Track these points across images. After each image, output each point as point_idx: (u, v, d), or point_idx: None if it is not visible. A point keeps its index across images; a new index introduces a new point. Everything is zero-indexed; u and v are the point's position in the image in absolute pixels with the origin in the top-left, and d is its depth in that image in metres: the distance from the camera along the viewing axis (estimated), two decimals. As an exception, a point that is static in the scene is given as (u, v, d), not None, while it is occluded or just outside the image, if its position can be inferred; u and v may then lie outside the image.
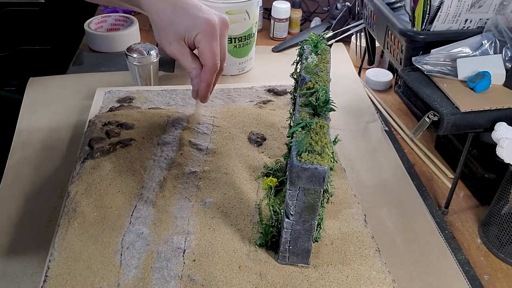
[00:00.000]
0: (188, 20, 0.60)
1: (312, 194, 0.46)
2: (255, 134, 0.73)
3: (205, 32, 0.60)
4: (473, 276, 0.58)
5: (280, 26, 1.13)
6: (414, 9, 0.70)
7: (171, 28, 0.61)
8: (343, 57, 1.06)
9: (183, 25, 0.60)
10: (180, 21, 0.60)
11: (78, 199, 0.59)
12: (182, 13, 0.60)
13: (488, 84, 0.62)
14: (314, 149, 0.44)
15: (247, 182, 0.64)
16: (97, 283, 0.49)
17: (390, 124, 0.86)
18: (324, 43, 0.62)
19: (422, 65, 0.67)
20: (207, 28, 0.59)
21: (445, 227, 0.65)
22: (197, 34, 0.60)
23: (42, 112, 0.82)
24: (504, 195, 0.59)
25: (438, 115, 0.60)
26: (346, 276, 0.52)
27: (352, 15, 1.05)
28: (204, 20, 0.60)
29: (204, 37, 0.60)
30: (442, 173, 0.75)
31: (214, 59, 0.62)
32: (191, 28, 0.60)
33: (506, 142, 0.55)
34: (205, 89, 0.65)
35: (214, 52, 0.61)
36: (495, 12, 0.68)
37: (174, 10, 0.60)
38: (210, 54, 0.61)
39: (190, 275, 0.51)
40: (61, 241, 0.53)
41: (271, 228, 0.55)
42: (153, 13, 0.61)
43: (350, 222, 0.59)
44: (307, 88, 0.53)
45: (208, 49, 0.61)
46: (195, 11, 0.60)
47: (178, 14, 0.60)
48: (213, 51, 0.61)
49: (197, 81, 0.65)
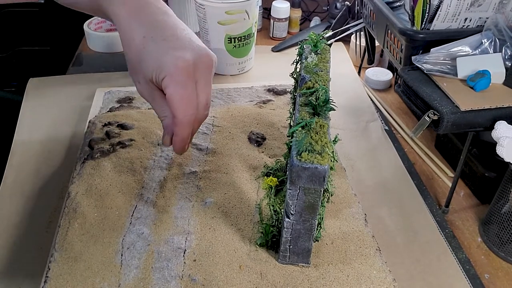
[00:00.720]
0: (155, 58, 0.48)
1: (313, 194, 0.46)
2: (255, 134, 0.73)
3: (173, 76, 0.47)
4: (473, 275, 0.58)
5: (279, 25, 1.13)
6: (413, 8, 0.70)
7: (139, 65, 0.49)
8: (343, 57, 1.06)
9: (150, 64, 0.48)
10: (147, 59, 0.48)
11: (79, 200, 0.59)
12: (151, 48, 0.48)
13: (488, 83, 0.62)
14: (314, 149, 0.44)
15: (247, 181, 0.64)
16: (98, 284, 0.49)
17: (390, 123, 0.86)
18: (324, 43, 0.62)
19: (422, 64, 0.67)
20: (175, 71, 0.47)
21: (445, 226, 0.65)
22: (164, 77, 0.47)
23: (42, 113, 0.82)
24: (504, 194, 0.59)
25: (438, 114, 0.60)
26: (347, 276, 0.52)
27: (352, 14, 1.05)
28: (173, 60, 0.47)
29: (171, 81, 0.47)
30: (442, 172, 0.75)
31: (185, 110, 0.48)
32: (158, 68, 0.47)
33: (506, 141, 0.55)
34: (178, 144, 0.52)
35: (184, 100, 0.48)
36: (494, 11, 0.68)
37: (144, 42, 0.48)
38: (180, 104, 0.48)
39: (191, 275, 0.51)
40: (62, 242, 0.53)
41: (272, 227, 0.55)
42: (123, 42, 0.50)
43: (351, 222, 0.59)
44: (307, 87, 0.53)
45: (177, 97, 0.48)
46: (167, 46, 0.48)
47: (147, 48, 0.48)
48: (183, 100, 0.48)
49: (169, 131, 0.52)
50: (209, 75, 0.51)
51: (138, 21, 0.49)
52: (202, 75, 0.49)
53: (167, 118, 0.51)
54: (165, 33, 0.49)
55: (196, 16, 0.96)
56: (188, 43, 0.49)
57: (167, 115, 0.51)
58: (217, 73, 0.98)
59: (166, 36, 0.48)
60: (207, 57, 0.49)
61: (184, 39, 0.49)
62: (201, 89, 0.50)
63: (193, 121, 0.50)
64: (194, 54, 0.48)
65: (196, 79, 0.49)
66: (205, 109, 0.51)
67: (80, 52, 1.08)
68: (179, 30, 0.50)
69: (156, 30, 0.49)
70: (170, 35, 0.49)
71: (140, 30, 0.49)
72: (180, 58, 0.47)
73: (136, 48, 0.49)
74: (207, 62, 0.50)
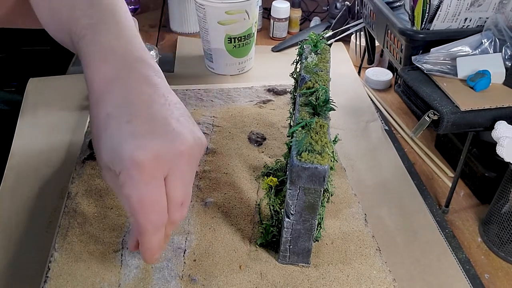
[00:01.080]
0: (113, 146, 0.37)
1: (313, 194, 0.46)
2: (255, 134, 0.73)
3: (129, 173, 0.37)
4: (473, 275, 0.58)
5: (279, 25, 1.13)
6: (413, 8, 0.70)
7: (98, 149, 0.39)
8: (343, 57, 1.06)
9: (106, 151, 0.38)
10: (105, 144, 0.38)
11: (79, 200, 0.59)
12: (111, 129, 0.38)
13: (488, 83, 0.62)
14: (314, 149, 0.44)
15: (247, 181, 0.64)
16: (98, 284, 0.49)
17: (390, 123, 0.86)
18: (324, 43, 0.62)
19: (422, 64, 0.67)
20: (131, 167, 0.36)
21: (445, 226, 0.65)
22: (120, 172, 0.37)
23: (42, 113, 0.82)
24: (504, 194, 0.59)
25: (438, 114, 0.60)
26: (347, 276, 0.52)
27: (352, 14, 1.05)
28: (131, 152, 0.36)
29: (128, 180, 0.37)
30: (442, 172, 0.75)
31: (146, 216, 0.38)
32: (113, 160, 0.37)
33: (506, 141, 0.55)
34: (145, 253, 0.41)
35: (145, 204, 0.38)
36: (494, 10, 0.68)
37: (106, 122, 0.38)
38: (139, 208, 0.38)
39: (191, 275, 0.51)
40: (62, 242, 0.53)
41: (272, 227, 0.55)
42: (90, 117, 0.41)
43: (351, 222, 0.59)
44: (307, 87, 0.53)
45: (134, 199, 0.37)
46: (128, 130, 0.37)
47: (107, 131, 0.38)
48: (142, 203, 0.38)
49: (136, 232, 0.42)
50: (188, 165, 0.40)
51: (108, 92, 0.40)
52: (176, 166, 0.38)
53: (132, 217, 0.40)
54: (133, 111, 0.38)
55: (196, 16, 0.96)
56: (160, 126, 0.38)
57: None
58: (217, 73, 0.98)
59: (132, 117, 0.38)
60: (185, 143, 0.38)
61: (157, 120, 0.38)
62: (173, 185, 0.39)
63: (162, 226, 0.40)
64: (163, 142, 0.37)
65: (165, 173, 0.38)
66: (178, 210, 0.41)
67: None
68: (155, 107, 0.39)
69: (125, 107, 0.38)
70: (137, 116, 0.38)
71: (106, 104, 0.39)
72: (139, 150, 0.36)
73: (99, 127, 0.39)
74: (185, 149, 0.38)
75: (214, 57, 0.96)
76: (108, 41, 0.42)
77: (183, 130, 0.39)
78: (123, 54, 0.41)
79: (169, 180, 0.39)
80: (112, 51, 0.41)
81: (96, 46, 0.42)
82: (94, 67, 0.41)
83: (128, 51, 0.42)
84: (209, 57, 0.97)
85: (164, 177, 0.38)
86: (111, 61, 0.41)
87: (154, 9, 1.26)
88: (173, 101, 0.41)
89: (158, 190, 0.38)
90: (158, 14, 1.22)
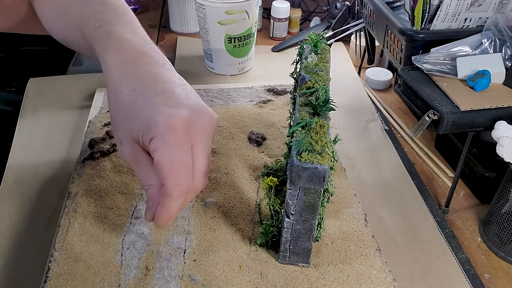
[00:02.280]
0: (144, 116, 0.40)
1: (313, 194, 0.46)
2: (255, 134, 0.73)
3: (164, 137, 0.39)
4: (473, 275, 0.58)
5: (279, 25, 1.13)
6: (413, 8, 0.70)
7: (124, 122, 0.42)
8: (343, 57, 1.06)
9: (136, 122, 0.41)
10: (134, 116, 0.41)
11: (79, 200, 0.59)
12: (140, 103, 0.41)
13: (488, 83, 0.62)
14: (314, 149, 0.44)
15: (247, 182, 0.64)
16: (98, 284, 0.49)
17: (390, 123, 0.86)
18: (324, 43, 0.62)
19: (422, 64, 0.67)
20: (166, 131, 0.39)
21: (445, 226, 0.65)
22: (152, 138, 0.40)
23: (42, 113, 0.82)
24: (504, 194, 0.59)
25: (438, 114, 0.60)
26: (347, 276, 0.52)
27: (352, 14, 1.05)
28: (164, 118, 0.39)
29: (161, 144, 0.39)
30: (442, 172, 0.75)
31: (177, 179, 0.40)
32: (145, 128, 0.40)
33: (506, 141, 0.55)
34: (163, 217, 0.42)
35: (176, 167, 0.40)
36: (494, 10, 0.68)
37: (133, 97, 0.41)
38: (170, 171, 0.40)
39: (191, 275, 0.51)
40: (62, 242, 0.53)
41: (272, 227, 0.55)
42: (110, 95, 0.44)
43: (351, 222, 0.59)
44: (307, 87, 0.53)
45: (168, 162, 0.39)
46: (159, 101, 0.41)
47: (135, 103, 0.41)
48: (174, 166, 0.40)
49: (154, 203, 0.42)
50: (209, 137, 0.43)
51: (129, 73, 0.43)
52: (201, 137, 0.42)
53: (152, 187, 0.42)
54: (158, 87, 0.42)
55: (196, 16, 0.96)
56: (184, 99, 0.42)
57: (153, 184, 0.42)
58: (217, 73, 0.98)
59: (158, 91, 0.41)
60: (207, 116, 0.42)
61: (180, 94, 0.42)
62: (198, 154, 0.41)
63: (186, 192, 0.41)
64: (191, 112, 0.41)
65: (192, 142, 0.41)
66: (202, 178, 0.43)
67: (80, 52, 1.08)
68: (175, 85, 0.43)
69: (149, 83, 0.42)
70: (163, 90, 0.42)
71: (130, 82, 0.42)
72: (173, 116, 0.39)
73: (123, 102, 0.42)
74: (207, 121, 0.42)
75: (214, 57, 0.96)
76: (124, 32, 0.45)
77: (203, 105, 0.43)
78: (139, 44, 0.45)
79: (196, 148, 0.41)
80: (129, 40, 0.45)
81: (114, 34, 0.45)
82: (113, 51, 0.44)
83: (143, 43, 0.45)
84: (209, 57, 0.97)
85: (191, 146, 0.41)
86: (129, 48, 0.44)
87: (154, 9, 1.26)
88: (187, 84, 0.45)
89: (188, 156, 0.41)
90: (158, 14, 1.22)
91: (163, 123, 0.39)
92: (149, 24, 1.19)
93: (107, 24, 0.46)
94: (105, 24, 0.46)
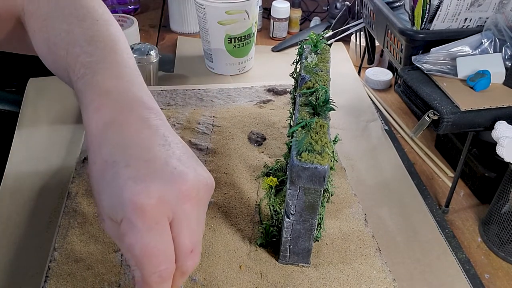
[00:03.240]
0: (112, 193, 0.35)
1: (313, 194, 0.46)
2: (255, 134, 0.73)
3: (130, 220, 0.34)
4: (473, 275, 0.58)
5: (279, 25, 1.13)
6: (413, 8, 0.70)
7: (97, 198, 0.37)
8: (343, 57, 1.06)
9: (106, 200, 0.35)
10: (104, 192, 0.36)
11: (79, 200, 0.59)
12: (109, 176, 0.35)
13: (488, 83, 0.62)
14: (314, 149, 0.44)
15: (247, 182, 0.64)
16: (98, 284, 0.49)
17: (390, 123, 0.86)
18: (324, 43, 0.62)
19: (422, 64, 0.67)
20: (131, 214, 0.33)
21: (445, 226, 0.65)
22: (122, 220, 0.34)
23: (42, 113, 0.82)
24: (504, 194, 0.59)
25: (438, 114, 0.60)
26: (347, 276, 0.52)
27: (352, 14, 1.05)
28: (130, 197, 0.33)
29: (129, 228, 0.34)
30: (442, 172, 0.75)
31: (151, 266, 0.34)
32: (114, 208, 0.35)
33: (506, 141, 0.55)
34: None
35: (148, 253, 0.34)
36: (494, 10, 0.68)
37: (104, 168, 0.36)
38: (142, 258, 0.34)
39: (191, 275, 0.51)
40: (62, 242, 0.53)
41: (272, 227, 0.55)
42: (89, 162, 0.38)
43: (351, 222, 0.59)
44: (307, 87, 0.53)
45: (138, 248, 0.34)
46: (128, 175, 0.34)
47: (105, 177, 0.36)
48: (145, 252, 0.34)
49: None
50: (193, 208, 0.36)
51: (105, 138, 0.37)
52: (183, 210, 0.35)
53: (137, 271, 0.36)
54: (132, 155, 0.35)
55: (196, 16, 0.96)
56: (160, 167, 0.35)
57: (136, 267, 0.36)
58: (217, 73, 0.98)
59: (131, 160, 0.35)
60: (187, 183, 0.35)
61: (156, 161, 0.35)
62: (181, 231, 0.35)
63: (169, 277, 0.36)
64: (165, 183, 0.34)
65: (170, 218, 0.35)
66: (190, 258, 0.37)
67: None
68: (154, 148, 0.36)
69: (123, 151, 0.36)
70: (136, 158, 0.35)
71: (104, 150, 0.36)
72: (140, 194, 0.33)
73: (95, 176, 0.36)
74: (188, 189, 0.35)
75: (214, 57, 0.96)
76: (107, 81, 0.40)
77: (184, 169, 0.36)
78: (122, 95, 0.39)
79: (175, 226, 0.35)
80: (110, 93, 0.39)
81: (95, 88, 0.40)
82: (91, 110, 0.39)
83: (127, 92, 0.40)
84: (209, 57, 0.97)
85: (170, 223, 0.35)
86: (109, 103, 0.39)
87: (154, 9, 1.26)
88: (174, 141, 0.38)
89: (163, 237, 0.35)
90: (158, 14, 1.21)
91: (129, 203, 0.33)
92: (149, 24, 1.19)
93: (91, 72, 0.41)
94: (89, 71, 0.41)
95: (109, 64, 0.41)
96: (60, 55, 0.44)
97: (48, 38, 0.45)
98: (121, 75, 0.41)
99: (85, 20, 0.45)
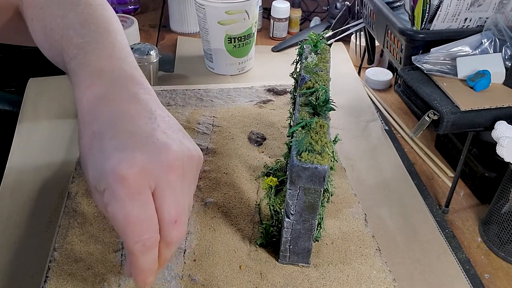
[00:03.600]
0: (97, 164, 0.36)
1: (313, 194, 0.46)
2: (255, 134, 0.73)
3: (112, 189, 0.34)
4: (473, 275, 0.58)
5: (279, 25, 1.13)
6: (413, 8, 0.70)
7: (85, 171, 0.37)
8: (343, 57, 1.06)
9: (92, 171, 0.36)
10: (89, 164, 0.36)
11: (79, 200, 0.59)
12: (96, 148, 0.36)
13: (488, 83, 0.62)
14: (314, 149, 0.44)
15: (247, 182, 0.64)
16: (98, 284, 0.49)
17: (390, 123, 0.86)
18: (324, 43, 0.62)
19: (422, 64, 0.67)
20: (113, 182, 0.34)
21: (445, 226, 0.65)
22: (104, 189, 0.35)
23: (42, 113, 0.82)
24: (504, 194, 0.59)
25: (438, 114, 0.60)
26: (347, 276, 0.52)
27: (352, 14, 1.05)
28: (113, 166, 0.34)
29: (112, 197, 0.34)
30: (442, 172, 0.75)
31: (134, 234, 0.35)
32: (98, 178, 0.35)
33: (506, 141, 0.55)
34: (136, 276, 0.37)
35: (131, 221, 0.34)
36: (494, 10, 0.68)
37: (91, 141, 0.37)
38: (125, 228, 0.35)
39: (191, 275, 0.51)
40: (62, 242, 0.53)
41: (272, 227, 0.55)
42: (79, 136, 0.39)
43: (351, 222, 0.59)
44: (307, 87, 0.53)
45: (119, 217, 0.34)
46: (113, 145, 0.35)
47: (92, 149, 0.36)
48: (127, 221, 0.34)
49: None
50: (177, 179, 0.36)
51: (94, 112, 0.38)
52: (165, 180, 0.36)
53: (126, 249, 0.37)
54: (118, 127, 0.36)
55: (196, 16, 0.96)
56: (143, 139, 0.36)
57: None
58: (217, 73, 0.98)
59: (117, 132, 0.36)
60: (170, 154, 0.36)
61: (141, 133, 0.36)
62: (165, 201, 0.36)
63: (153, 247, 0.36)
64: (149, 153, 0.35)
65: (153, 188, 0.35)
66: (173, 228, 0.36)
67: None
68: (140, 121, 0.37)
69: (110, 124, 0.36)
70: (122, 130, 0.36)
71: (92, 123, 0.37)
72: (122, 163, 0.34)
73: (83, 149, 0.37)
74: (171, 160, 0.36)
75: (214, 57, 0.96)
76: (99, 60, 0.41)
77: (168, 140, 0.36)
78: (113, 73, 0.40)
79: (158, 196, 0.36)
80: (102, 71, 0.40)
81: (87, 66, 0.41)
82: (83, 87, 0.39)
83: (119, 70, 0.41)
84: (209, 57, 0.97)
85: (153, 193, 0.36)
86: (100, 80, 0.40)
87: (154, 9, 1.26)
88: (161, 115, 0.39)
89: (145, 207, 0.35)
90: (158, 14, 1.22)
91: (111, 172, 0.34)
92: (149, 24, 1.18)
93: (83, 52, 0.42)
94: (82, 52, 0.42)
95: (101, 45, 0.43)
96: (55, 39, 0.45)
97: (45, 26, 0.47)
98: (113, 54, 0.42)
99: (79, 5, 0.46)
